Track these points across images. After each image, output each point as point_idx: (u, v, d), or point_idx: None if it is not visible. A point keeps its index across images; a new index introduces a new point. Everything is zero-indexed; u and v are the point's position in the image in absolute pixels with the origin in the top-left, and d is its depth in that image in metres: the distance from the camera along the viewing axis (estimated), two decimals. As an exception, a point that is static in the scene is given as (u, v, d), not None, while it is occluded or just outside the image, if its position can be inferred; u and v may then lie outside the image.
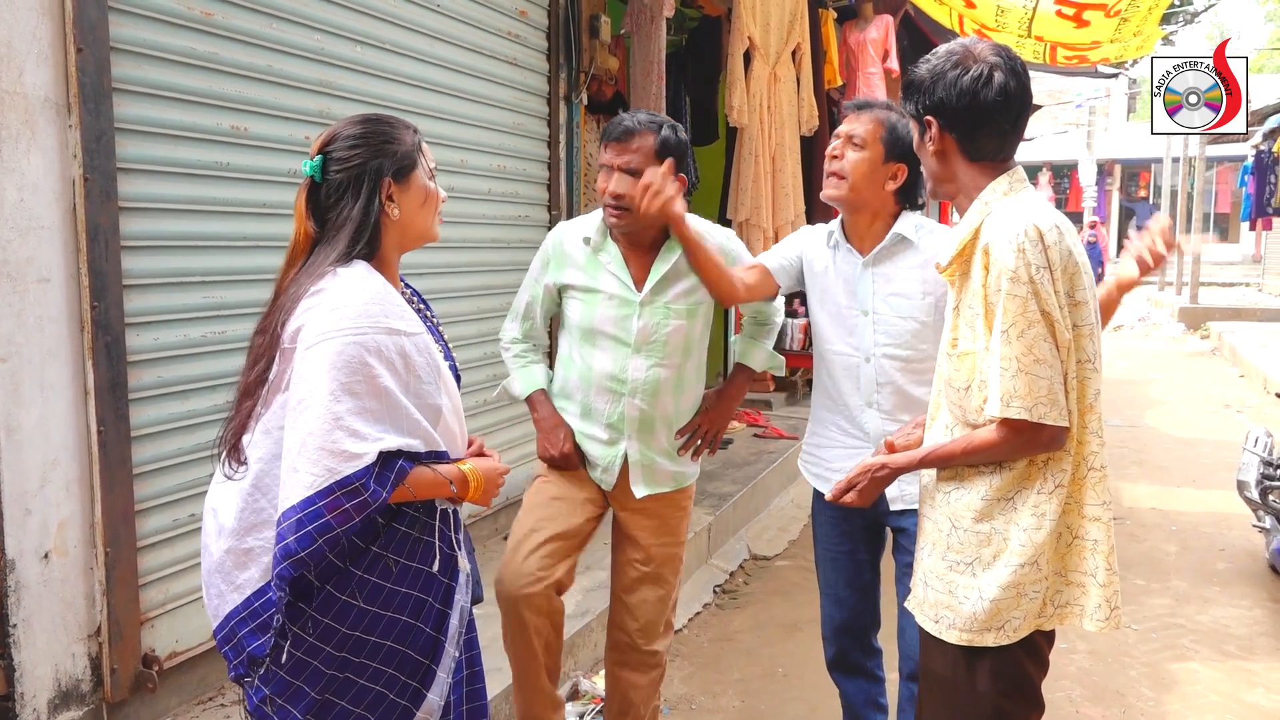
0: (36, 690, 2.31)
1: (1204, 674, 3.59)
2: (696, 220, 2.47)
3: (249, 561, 1.63)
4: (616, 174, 2.33)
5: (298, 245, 1.71)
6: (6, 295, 2.20)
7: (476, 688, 1.83)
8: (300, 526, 1.52)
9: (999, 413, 1.66)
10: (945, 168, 1.82)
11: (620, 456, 2.49)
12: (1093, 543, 1.74)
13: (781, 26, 5.78)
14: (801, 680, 3.49)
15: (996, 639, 1.73)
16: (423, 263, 3.67)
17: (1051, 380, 1.65)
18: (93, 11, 2.33)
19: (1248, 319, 14.63)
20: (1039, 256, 1.64)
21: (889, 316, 2.38)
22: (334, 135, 1.72)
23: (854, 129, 2.36)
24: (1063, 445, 1.70)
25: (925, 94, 1.79)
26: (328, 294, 1.60)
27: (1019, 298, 1.64)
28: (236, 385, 1.70)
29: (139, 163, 2.50)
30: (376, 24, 3.33)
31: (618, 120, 2.36)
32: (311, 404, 1.53)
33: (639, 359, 2.41)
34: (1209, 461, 6.87)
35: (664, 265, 2.42)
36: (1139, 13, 4.77)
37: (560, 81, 4.53)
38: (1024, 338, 1.64)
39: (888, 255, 2.39)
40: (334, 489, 1.51)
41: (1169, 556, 4.92)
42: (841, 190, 2.35)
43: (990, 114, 1.74)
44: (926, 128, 1.80)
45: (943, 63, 1.78)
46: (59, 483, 2.33)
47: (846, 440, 2.47)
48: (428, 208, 1.79)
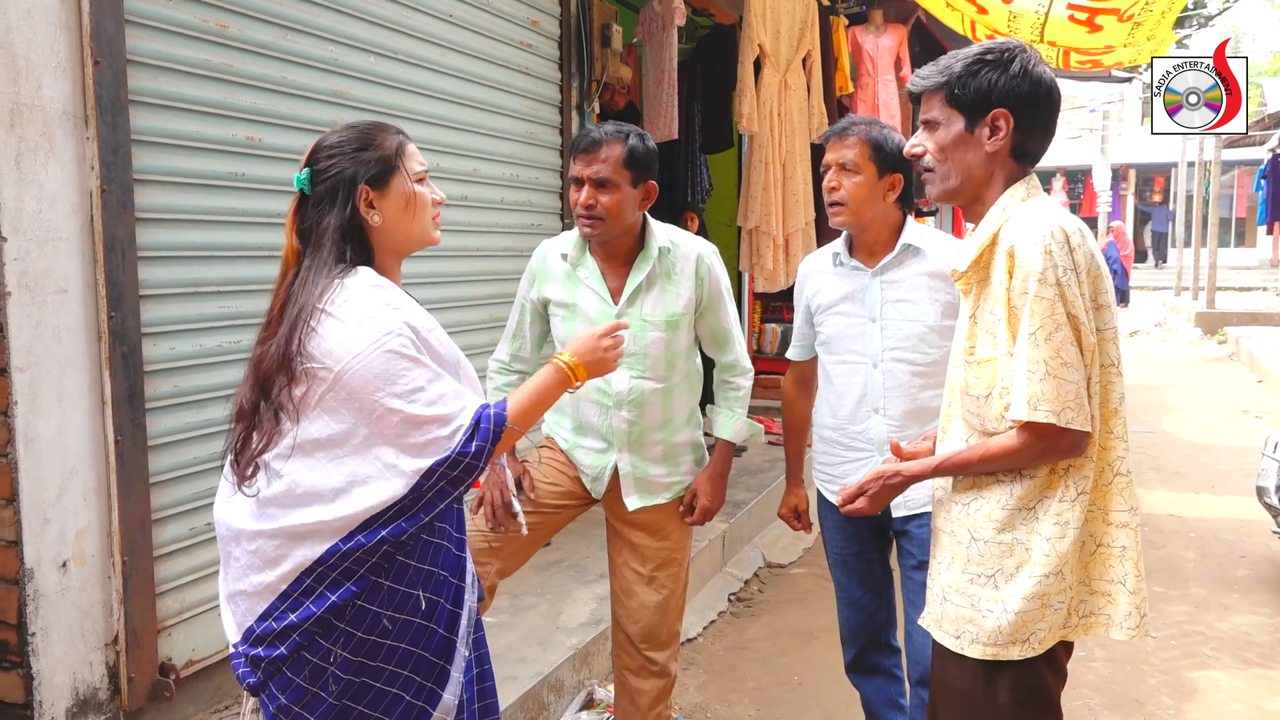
0: (55, 699, 2.32)
1: (1225, 682, 3.55)
2: (667, 232, 2.48)
3: (278, 563, 1.63)
4: (587, 185, 2.34)
5: (288, 259, 1.72)
6: (25, 306, 2.22)
7: (486, 685, 1.83)
8: (407, 508, 1.60)
9: (1025, 416, 1.62)
10: (988, 168, 1.75)
11: (610, 467, 2.49)
12: (1121, 549, 1.70)
13: (792, 34, 5.78)
14: (818, 689, 3.47)
15: (1022, 652, 1.70)
16: (436, 272, 3.69)
17: (1078, 384, 1.62)
18: (110, 25, 2.35)
19: (1265, 324, 14.50)
20: (1065, 259, 1.62)
21: (896, 321, 2.40)
22: (317, 146, 1.73)
23: (843, 156, 2.40)
24: (1084, 451, 1.67)
25: (1000, 89, 1.69)
26: (345, 306, 1.61)
27: (1046, 300, 1.61)
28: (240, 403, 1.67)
29: (155, 174, 2.52)
30: (389, 35, 3.35)
31: (585, 132, 2.39)
32: (385, 414, 1.58)
33: (621, 371, 2.41)
34: (1227, 467, 6.81)
35: (638, 276, 2.42)
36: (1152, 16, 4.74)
37: (572, 90, 4.54)
38: (1051, 340, 1.61)
39: (896, 263, 2.43)
40: (434, 469, 1.60)
41: (1188, 563, 4.88)
42: (847, 217, 2.42)
43: (1050, 113, 1.72)
44: (992, 124, 1.71)
45: (1005, 57, 1.70)
46: (77, 492, 2.35)
47: (849, 455, 2.49)
48: (411, 211, 1.76)
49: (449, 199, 3.72)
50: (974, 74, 1.72)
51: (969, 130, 1.74)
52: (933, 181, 1.81)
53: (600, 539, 2.78)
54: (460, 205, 3.80)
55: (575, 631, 3.40)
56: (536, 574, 3.89)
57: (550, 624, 3.46)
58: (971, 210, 1.81)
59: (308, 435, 1.61)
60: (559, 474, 2.54)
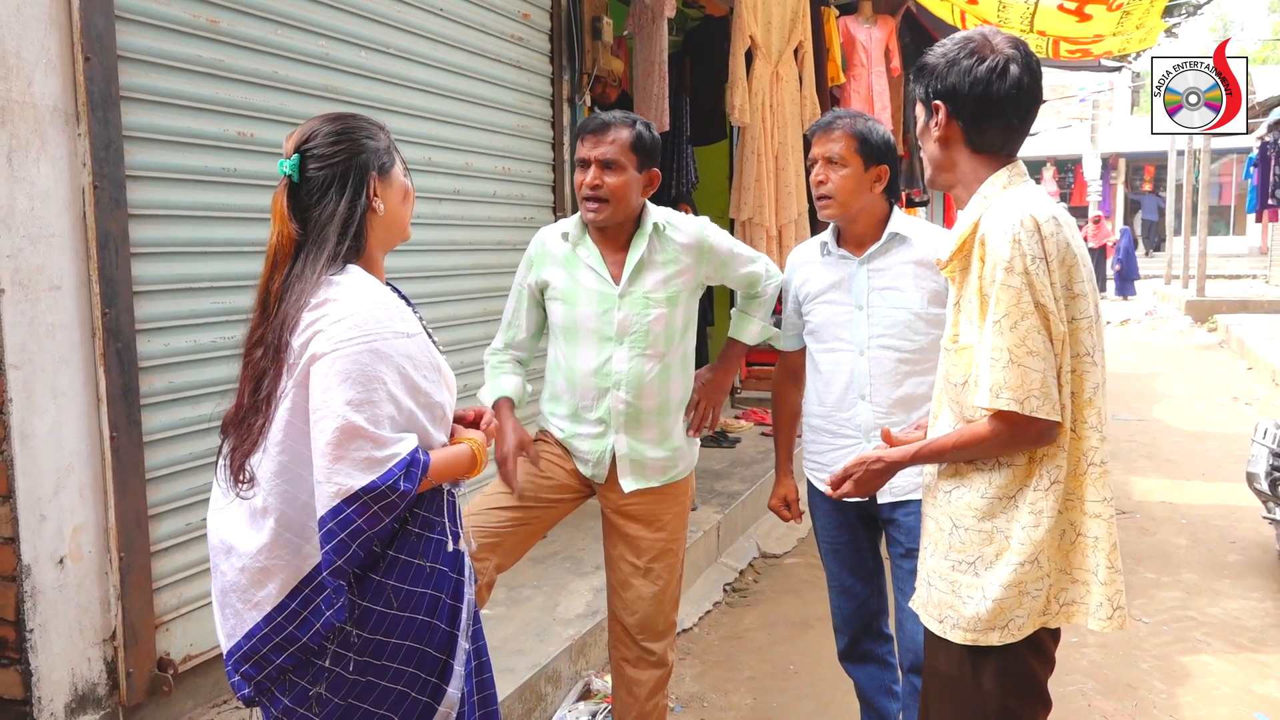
0: (53, 695, 2.32)
1: (1216, 666, 3.59)
2: (663, 212, 2.51)
3: (266, 579, 1.63)
4: (594, 166, 2.37)
5: (281, 248, 1.66)
6: (19, 303, 2.22)
7: (485, 678, 1.85)
8: (332, 536, 1.54)
9: (987, 403, 1.64)
10: (946, 155, 1.80)
11: (609, 450, 2.50)
12: (1094, 540, 1.71)
13: (783, 25, 5.78)
14: (813, 677, 3.50)
15: (1001, 638, 1.72)
16: (428, 265, 3.69)
17: (1044, 373, 1.63)
18: (100, 21, 2.34)
19: (1255, 311, 14.57)
20: (1034, 247, 1.63)
21: (883, 308, 2.43)
22: (311, 133, 1.69)
23: (829, 150, 2.43)
24: (1054, 440, 1.68)
25: (937, 78, 1.76)
26: (334, 304, 1.60)
27: (1013, 288, 1.62)
28: (235, 404, 1.66)
29: (147, 170, 2.52)
30: (381, 29, 3.35)
31: (594, 115, 2.43)
32: (328, 415, 1.54)
33: (621, 351, 2.44)
34: (1218, 454, 6.85)
35: (636, 254, 2.45)
36: (1141, 5, 4.76)
37: (563, 83, 4.54)
38: (1017, 329, 1.62)
39: (882, 252, 2.46)
40: (359, 495, 1.53)
41: (1179, 549, 4.92)
42: (835, 209, 2.45)
43: (1001, 106, 1.72)
44: (934, 113, 1.78)
45: (958, 49, 1.75)
46: (73, 488, 2.35)
47: (837, 441, 2.51)
48: (407, 203, 1.79)
49: (442, 193, 3.74)
50: (924, 66, 1.81)
51: (927, 122, 1.82)
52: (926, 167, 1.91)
53: (596, 531, 2.79)
54: (452, 199, 3.80)
55: (572, 623, 3.41)
56: (533, 566, 3.90)
57: (547, 616, 3.47)
58: (957, 197, 1.84)
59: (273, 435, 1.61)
60: (555, 467, 2.55)
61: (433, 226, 3.69)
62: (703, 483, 5.09)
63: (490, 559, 2.41)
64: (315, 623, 1.61)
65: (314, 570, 1.62)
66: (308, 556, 1.63)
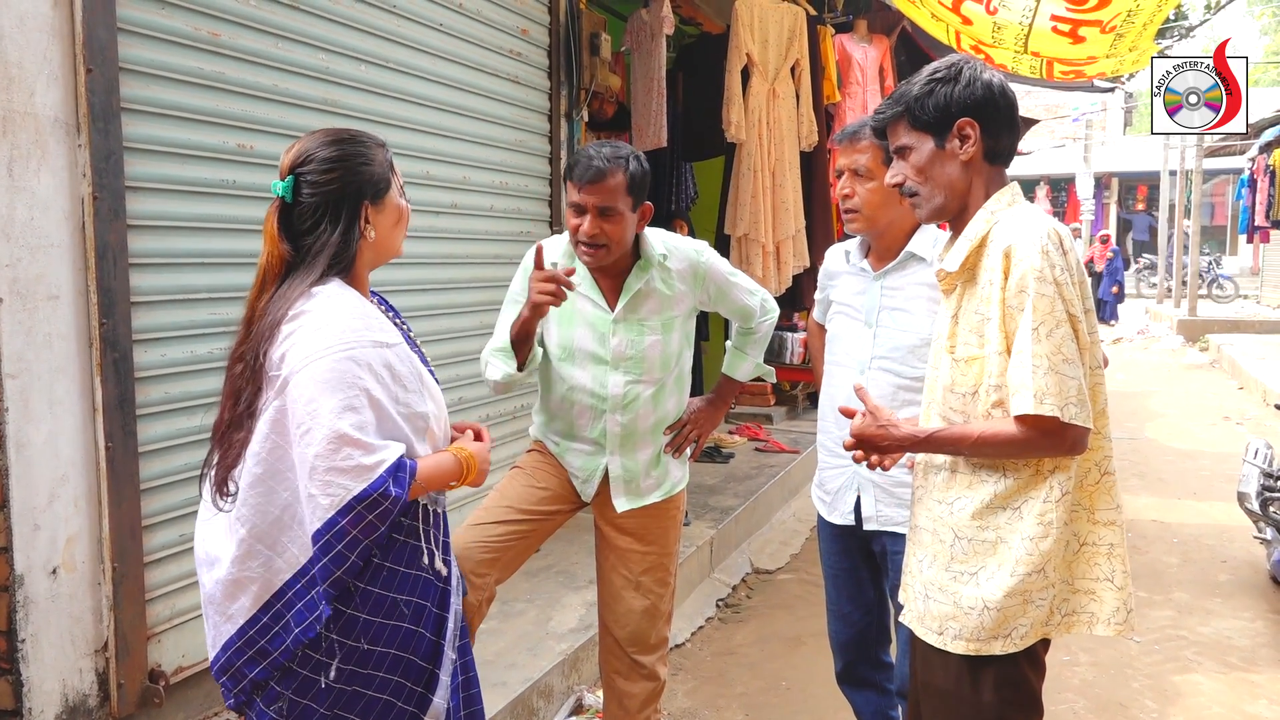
0: (44, 705, 2.31)
1: (1207, 686, 3.59)
2: (660, 237, 2.48)
3: (239, 592, 1.64)
4: (590, 215, 2.32)
5: (270, 268, 1.67)
6: (16, 312, 2.22)
7: (472, 693, 1.84)
8: (330, 548, 1.55)
9: (1032, 409, 1.63)
10: (965, 177, 1.79)
11: (601, 469, 2.51)
12: (1108, 547, 1.75)
13: (780, 43, 5.83)
14: (805, 694, 3.49)
15: (1004, 647, 1.73)
16: (426, 278, 3.70)
17: (1080, 381, 1.66)
18: (102, 33, 2.36)
19: (1246, 331, 14.64)
20: (1060, 259, 1.67)
21: (890, 329, 2.39)
22: (306, 156, 1.68)
23: (855, 162, 2.37)
24: (1085, 449, 1.70)
25: (956, 102, 1.75)
26: (310, 315, 1.60)
27: (1047, 297, 1.65)
28: (217, 419, 1.67)
29: (147, 181, 2.53)
30: (380, 43, 3.37)
31: (586, 160, 2.31)
32: (314, 427, 1.54)
33: (616, 375, 2.44)
34: (1209, 473, 6.88)
35: (637, 283, 2.44)
36: (1134, 29, 4.80)
37: (561, 98, 4.56)
38: (1053, 337, 1.65)
39: (899, 270, 2.41)
40: (353, 504, 1.54)
41: (1171, 568, 4.93)
42: (862, 223, 2.40)
43: (1012, 114, 1.79)
44: (960, 134, 1.76)
45: (953, 71, 1.77)
46: (67, 498, 2.35)
47: (833, 461, 2.51)
48: (400, 226, 1.80)
49: (440, 206, 3.75)
50: (929, 93, 1.78)
51: (940, 146, 1.79)
52: (919, 205, 1.85)
53: (589, 545, 2.79)
54: (450, 212, 3.82)
55: (564, 637, 3.41)
56: (526, 580, 3.90)
57: (540, 630, 3.47)
58: (959, 222, 1.84)
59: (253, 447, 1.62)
60: (549, 478, 2.55)
61: (430, 240, 3.70)
62: (696, 498, 5.09)
63: (490, 574, 2.41)
64: (285, 638, 1.61)
65: (284, 585, 1.63)
66: (279, 571, 1.63)
